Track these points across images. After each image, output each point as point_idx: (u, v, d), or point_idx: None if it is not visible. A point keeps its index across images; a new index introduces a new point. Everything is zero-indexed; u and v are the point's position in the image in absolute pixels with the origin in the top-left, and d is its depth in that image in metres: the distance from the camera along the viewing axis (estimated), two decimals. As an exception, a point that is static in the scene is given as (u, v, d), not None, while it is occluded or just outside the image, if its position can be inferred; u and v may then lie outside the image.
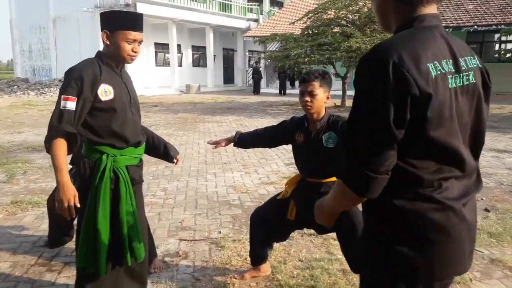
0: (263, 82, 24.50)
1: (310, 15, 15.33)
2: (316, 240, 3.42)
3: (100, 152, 2.17)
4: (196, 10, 23.50)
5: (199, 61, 27.44)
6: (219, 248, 3.29)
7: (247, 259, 3.00)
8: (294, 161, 2.70)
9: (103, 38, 2.13)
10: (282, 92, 21.99)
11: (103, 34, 2.13)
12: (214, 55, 26.34)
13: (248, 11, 28.46)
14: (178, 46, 24.31)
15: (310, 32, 15.11)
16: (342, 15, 14.30)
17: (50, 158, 2.00)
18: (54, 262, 3.07)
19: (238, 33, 27.09)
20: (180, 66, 24.96)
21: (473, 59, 1.23)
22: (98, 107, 2.12)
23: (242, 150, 6.94)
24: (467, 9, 19.18)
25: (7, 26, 26.00)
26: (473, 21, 18.07)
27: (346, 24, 14.44)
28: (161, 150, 2.74)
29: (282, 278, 2.79)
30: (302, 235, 3.49)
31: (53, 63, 23.59)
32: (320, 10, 14.86)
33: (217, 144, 2.72)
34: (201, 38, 25.74)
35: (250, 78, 25.18)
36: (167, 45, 23.29)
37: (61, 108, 2.02)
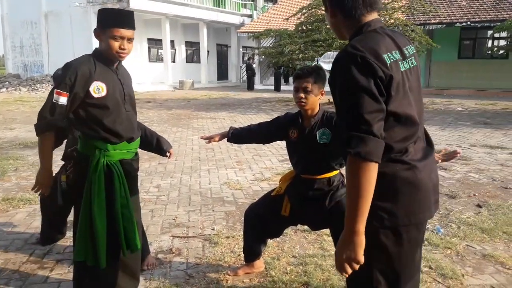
0: (257, 78, 24.46)
1: (304, 11, 15.33)
2: (309, 236, 3.42)
3: (93, 146, 2.24)
4: (189, 5, 23.35)
5: (193, 57, 27.33)
6: (213, 244, 3.29)
7: (241, 256, 2.99)
8: (288, 157, 2.70)
9: (95, 35, 2.21)
10: (277, 88, 21.98)
11: (95, 31, 2.20)
12: (208, 51, 26.24)
13: (242, 7, 28.33)
14: (172, 42, 24.17)
15: (304, 28, 15.11)
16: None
17: (38, 146, 2.24)
18: (46, 259, 3.05)
19: (232, 28, 26.97)
20: (173, 62, 24.84)
21: (412, 47, 1.54)
22: (91, 103, 2.19)
23: (236, 146, 6.94)
24: (461, 5, 19.26)
25: (-2, 21, 25.72)
26: (466, 17, 18.15)
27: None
28: (153, 144, 2.74)
29: (275, 274, 2.79)
30: (295, 231, 3.50)
31: (45, 59, 23.35)
32: (314, 6, 14.86)
33: (210, 139, 2.71)
34: (194, 34, 25.62)
35: (244, 74, 25.13)
36: (160, 40, 23.15)
37: (53, 101, 2.11)
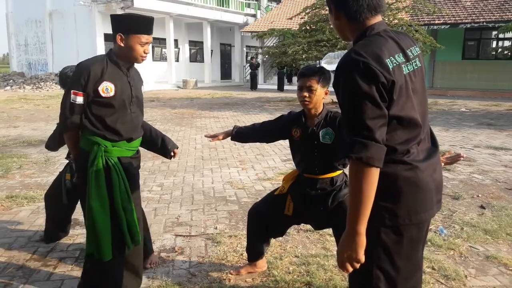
0: (261, 78, 24.44)
1: (307, 11, 15.28)
2: (312, 236, 3.42)
3: (93, 142, 2.31)
4: (193, 5, 23.35)
5: (196, 56, 27.34)
6: (215, 243, 3.29)
7: (243, 255, 3.00)
8: (291, 157, 2.69)
9: (118, 41, 2.27)
10: (280, 88, 21.96)
11: (118, 36, 2.27)
12: (212, 50, 26.23)
13: (245, 6, 28.31)
14: (175, 41, 24.20)
15: (307, 27, 15.07)
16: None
17: (66, 143, 2.49)
18: (49, 257, 3.06)
19: (236, 28, 26.95)
20: (177, 61, 24.84)
21: (416, 48, 1.54)
22: (98, 101, 2.28)
23: (239, 145, 6.94)
24: (465, 5, 19.18)
25: (3, 19, 25.80)
26: (470, 18, 18.07)
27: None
28: (158, 144, 2.74)
29: (278, 274, 2.79)
30: (298, 231, 3.49)
31: (49, 57, 23.40)
32: (318, 6, 14.82)
33: (214, 137, 2.70)
34: (198, 33, 25.63)
35: (248, 74, 25.12)
36: (164, 39, 23.16)
37: (71, 101, 2.25)
